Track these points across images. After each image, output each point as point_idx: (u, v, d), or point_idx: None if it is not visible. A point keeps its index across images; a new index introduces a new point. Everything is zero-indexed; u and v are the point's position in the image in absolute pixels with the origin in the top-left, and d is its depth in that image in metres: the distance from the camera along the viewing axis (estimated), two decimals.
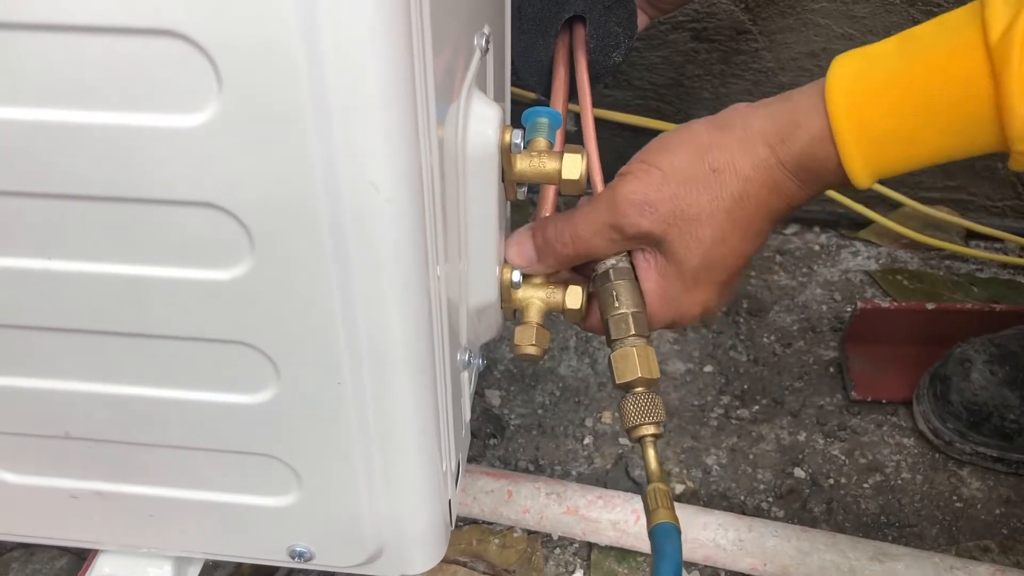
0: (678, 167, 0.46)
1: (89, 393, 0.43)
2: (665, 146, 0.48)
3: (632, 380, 0.49)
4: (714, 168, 0.46)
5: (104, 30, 0.31)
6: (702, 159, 0.46)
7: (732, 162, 0.46)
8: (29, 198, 0.36)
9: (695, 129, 0.48)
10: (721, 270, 0.49)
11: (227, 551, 0.52)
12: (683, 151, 0.47)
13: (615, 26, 0.62)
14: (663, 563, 0.43)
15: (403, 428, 0.43)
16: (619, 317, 0.50)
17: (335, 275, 0.37)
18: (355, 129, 0.33)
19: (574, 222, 0.49)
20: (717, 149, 0.46)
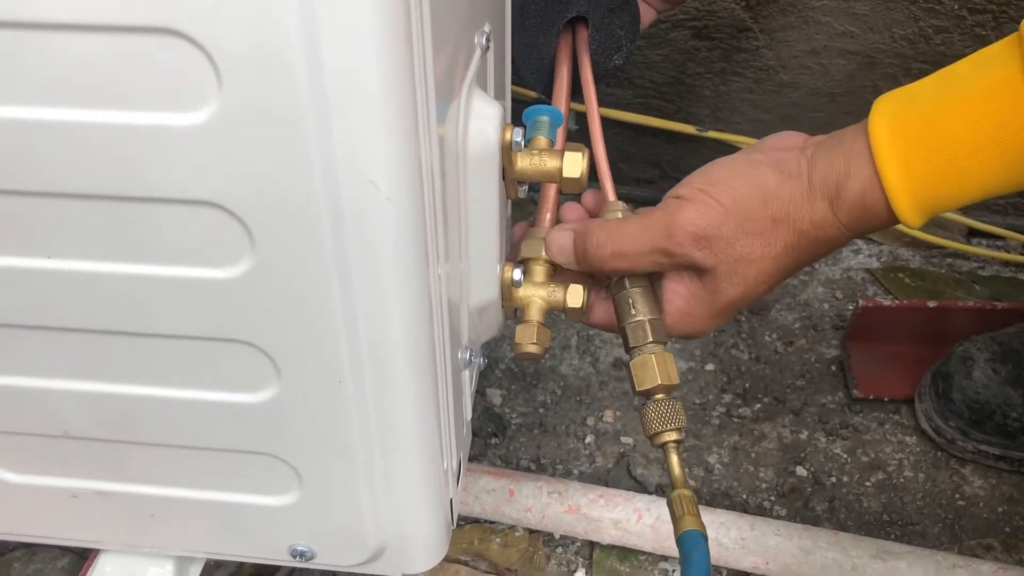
0: (741, 208, 0.46)
1: (89, 392, 0.43)
2: (729, 181, 0.47)
3: (652, 387, 0.49)
4: (775, 218, 0.46)
5: (103, 28, 0.31)
6: (765, 206, 0.46)
7: (792, 215, 0.46)
8: (28, 197, 0.36)
9: (762, 171, 0.47)
10: (748, 304, 0.50)
11: (228, 550, 0.52)
12: (747, 193, 0.47)
13: (618, 28, 0.62)
14: (692, 571, 0.43)
15: (404, 427, 0.43)
16: (636, 324, 0.50)
17: (335, 274, 0.37)
18: (355, 127, 0.33)
19: (622, 238, 0.49)
20: (780, 200, 0.46)
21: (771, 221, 0.46)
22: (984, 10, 0.86)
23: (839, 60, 0.91)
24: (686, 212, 0.47)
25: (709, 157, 0.63)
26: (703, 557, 0.44)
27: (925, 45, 0.89)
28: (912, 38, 0.89)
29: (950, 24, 0.87)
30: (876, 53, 0.90)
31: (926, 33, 0.88)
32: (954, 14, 0.87)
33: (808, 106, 0.95)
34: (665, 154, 1.01)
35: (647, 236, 0.48)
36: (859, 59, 0.91)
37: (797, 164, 0.47)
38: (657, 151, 1.01)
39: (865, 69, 0.92)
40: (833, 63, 0.91)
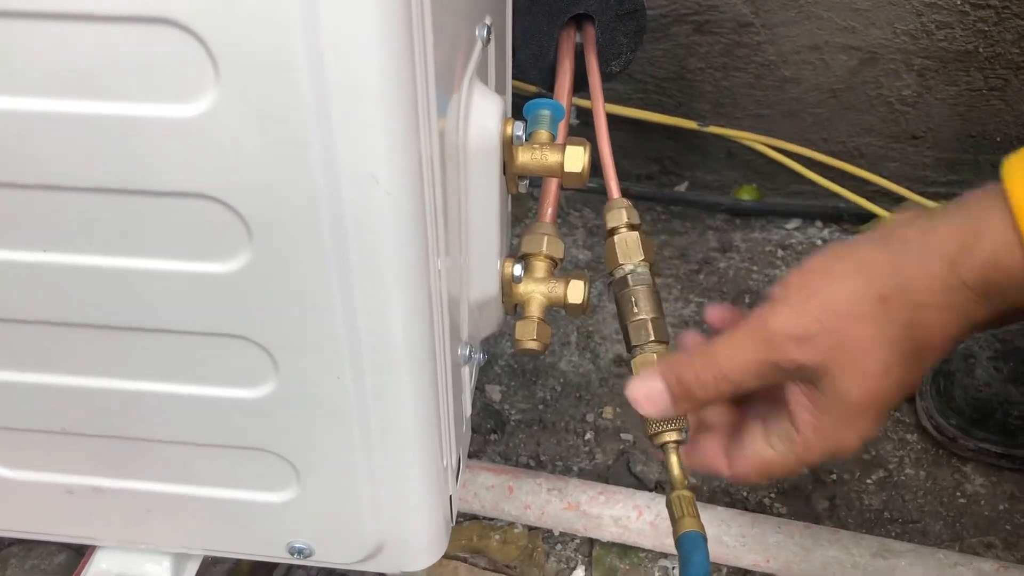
0: (840, 297, 0.42)
1: (86, 388, 0.43)
2: (826, 272, 0.43)
3: None
4: (883, 296, 0.41)
5: (99, 18, 0.31)
6: (869, 286, 0.41)
7: (903, 287, 0.41)
8: (22, 189, 0.35)
9: (861, 252, 0.42)
10: (883, 402, 0.43)
11: (226, 547, 0.51)
12: (847, 279, 0.42)
13: (621, 36, 0.62)
14: (691, 573, 0.43)
15: (403, 423, 0.43)
16: (639, 323, 0.50)
17: (334, 268, 0.37)
18: (355, 120, 0.33)
19: (718, 362, 0.44)
20: (886, 274, 0.41)
21: (879, 300, 0.41)
22: (987, 5, 0.85)
23: (841, 55, 0.91)
24: (779, 313, 0.42)
25: (710, 153, 0.63)
26: (702, 559, 0.44)
27: (927, 40, 0.89)
28: (914, 33, 0.88)
29: (952, 19, 0.87)
30: (878, 48, 0.90)
31: (928, 28, 0.88)
32: (956, 9, 0.86)
33: (810, 101, 0.95)
34: (666, 150, 1.01)
35: (745, 350, 0.43)
36: (861, 54, 0.90)
37: (905, 233, 0.42)
38: (658, 147, 1.01)
39: (867, 64, 0.91)
40: (835, 58, 0.91)
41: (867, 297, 0.41)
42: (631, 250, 0.52)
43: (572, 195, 1.04)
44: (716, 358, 0.44)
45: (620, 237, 0.53)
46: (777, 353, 0.42)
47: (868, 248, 0.42)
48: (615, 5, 0.60)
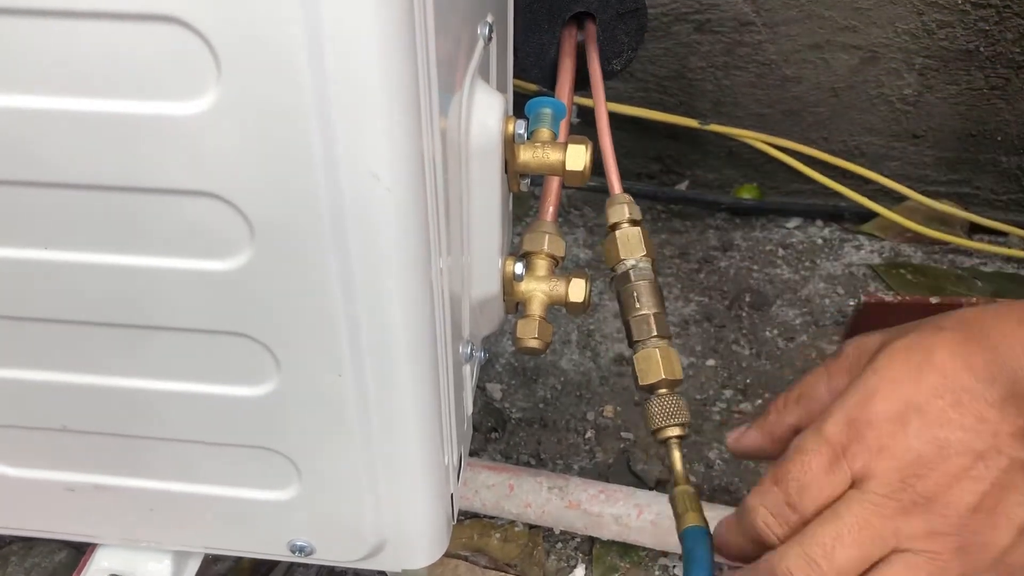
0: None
1: (86, 385, 0.43)
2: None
3: (656, 382, 0.49)
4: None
5: (102, 16, 0.31)
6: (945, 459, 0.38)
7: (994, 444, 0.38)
8: (24, 187, 0.35)
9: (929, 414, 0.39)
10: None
11: (227, 545, 0.51)
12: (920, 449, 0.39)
13: (622, 35, 0.62)
14: (695, 568, 0.43)
15: (405, 422, 0.43)
16: (640, 318, 0.50)
17: (336, 266, 0.37)
18: (356, 118, 0.33)
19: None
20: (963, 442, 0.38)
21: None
22: (988, 4, 0.85)
23: (841, 54, 0.91)
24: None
25: (711, 151, 0.63)
26: (706, 553, 0.44)
27: (928, 39, 0.89)
28: (915, 32, 0.88)
29: (953, 19, 0.87)
30: (879, 47, 0.90)
31: (929, 27, 0.88)
32: (957, 8, 0.86)
33: (810, 100, 0.95)
34: (667, 148, 1.01)
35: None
36: (862, 53, 0.90)
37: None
38: (659, 145, 1.01)
39: (868, 63, 0.91)
40: (836, 57, 0.91)
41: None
42: (633, 245, 0.52)
43: (573, 194, 1.04)
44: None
45: (622, 232, 0.53)
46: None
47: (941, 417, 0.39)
48: (616, 3, 0.61)
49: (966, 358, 0.39)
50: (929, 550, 0.38)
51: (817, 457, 0.39)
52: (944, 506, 0.38)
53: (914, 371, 0.39)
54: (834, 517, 0.39)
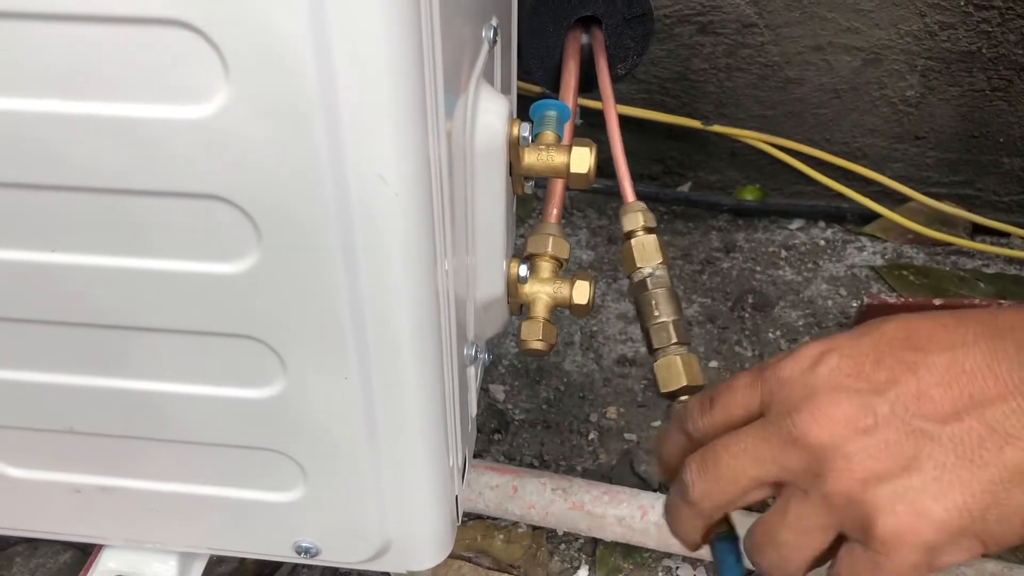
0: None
1: (93, 387, 0.43)
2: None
3: (678, 388, 0.49)
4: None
5: (109, 19, 0.31)
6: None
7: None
8: (34, 190, 0.35)
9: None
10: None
11: (232, 546, 0.51)
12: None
13: (629, 39, 0.62)
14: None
15: (410, 423, 0.43)
16: (660, 326, 0.50)
17: (342, 269, 0.37)
18: (363, 121, 0.33)
19: None
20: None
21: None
22: (990, 6, 0.86)
23: (844, 56, 0.91)
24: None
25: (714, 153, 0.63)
26: (736, 561, 0.44)
27: (930, 41, 0.89)
28: (917, 34, 0.88)
29: (956, 20, 0.87)
30: (881, 49, 0.90)
31: (931, 29, 0.88)
32: (960, 10, 0.86)
33: (813, 102, 0.95)
34: (669, 150, 1.01)
35: None
36: (864, 55, 0.91)
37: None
38: (661, 147, 1.01)
39: (870, 65, 0.91)
40: (838, 59, 0.91)
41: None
42: (649, 253, 0.53)
43: (577, 196, 1.04)
44: None
45: (637, 241, 0.53)
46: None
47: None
48: (623, 9, 0.61)
49: (911, 330, 0.39)
50: (802, 489, 0.39)
51: (747, 374, 0.42)
52: (818, 448, 0.38)
53: (859, 332, 0.40)
54: (734, 432, 0.41)
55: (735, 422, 0.42)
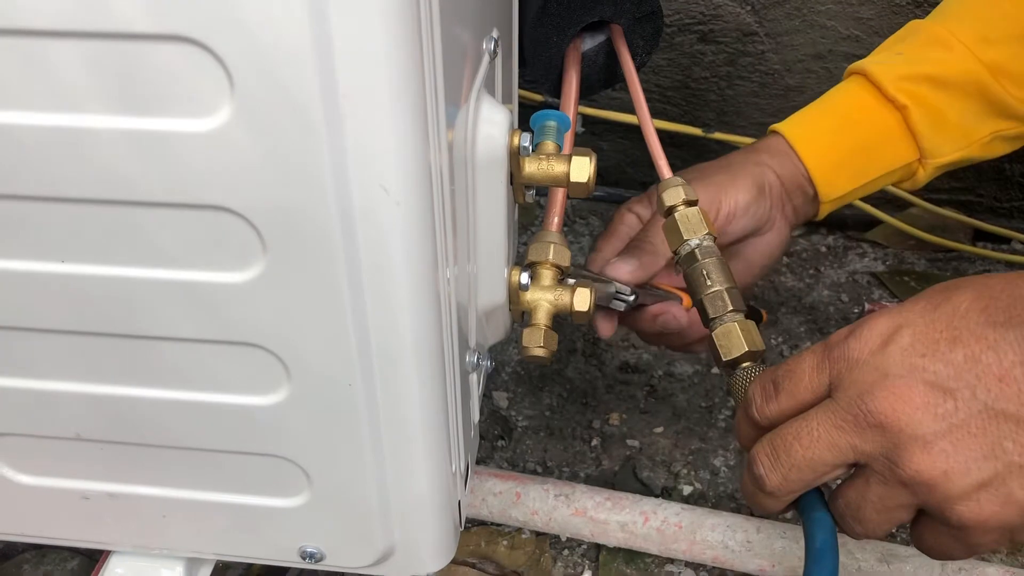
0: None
1: (100, 395, 0.44)
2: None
3: (739, 356, 0.48)
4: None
5: (116, 36, 0.31)
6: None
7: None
8: (43, 202, 0.36)
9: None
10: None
11: (238, 552, 0.52)
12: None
13: (639, 39, 0.62)
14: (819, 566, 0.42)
15: (413, 430, 0.43)
16: (714, 295, 0.49)
17: (345, 278, 0.37)
18: (366, 132, 0.33)
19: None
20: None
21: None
22: None
23: (844, 64, 0.91)
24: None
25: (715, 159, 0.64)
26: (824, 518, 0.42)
27: None
28: None
29: None
30: None
31: None
32: None
33: None
34: (671, 157, 1.01)
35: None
36: None
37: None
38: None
39: None
40: (838, 67, 0.92)
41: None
42: (694, 225, 0.52)
43: (579, 204, 1.04)
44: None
45: (681, 214, 0.52)
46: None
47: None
48: (633, 8, 0.61)
49: (988, 300, 0.38)
50: (880, 472, 0.38)
51: (811, 354, 0.41)
52: (895, 434, 0.37)
53: (931, 303, 0.39)
54: (802, 417, 0.40)
55: (803, 407, 0.41)
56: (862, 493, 0.39)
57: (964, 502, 0.36)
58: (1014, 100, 0.61)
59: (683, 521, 0.65)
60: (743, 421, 0.45)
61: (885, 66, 0.63)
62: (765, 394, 0.42)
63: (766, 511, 0.44)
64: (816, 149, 0.62)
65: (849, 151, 0.62)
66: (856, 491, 0.40)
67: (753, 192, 0.60)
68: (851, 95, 0.64)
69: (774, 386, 0.42)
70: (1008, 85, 0.61)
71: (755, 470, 0.42)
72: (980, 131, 0.63)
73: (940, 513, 0.38)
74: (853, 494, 0.40)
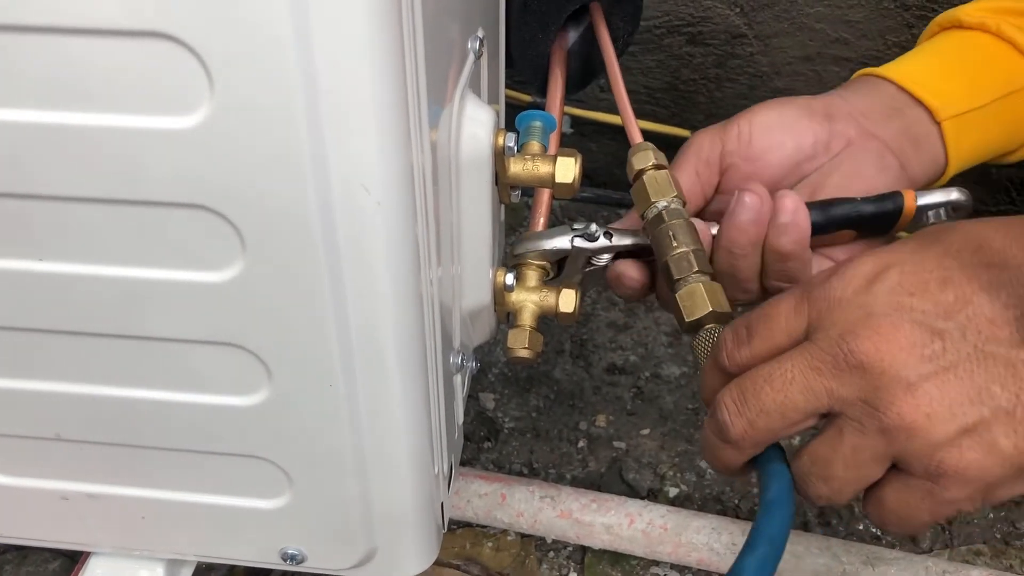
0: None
1: (80, 395, 0.43)
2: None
3: (702, 315, 0.46)
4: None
5: (96, 32, 0.31)
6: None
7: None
8: (19, 199, 0.36)
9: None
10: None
11: (219, 553, 0.52)
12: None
13: (618, 20, 0.62)
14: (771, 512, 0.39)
15: (395, 430, 0.43)
16: (679, 256, 0.48)
17: (327, 278, 0.37)
18: (346, 131, 0.33)
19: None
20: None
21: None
22: None
23: (833, 67, 0.92)
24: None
25: None
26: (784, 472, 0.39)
27: None
28: (905, 45, 0.89)
29: None
30: (869, 60, 0.91)
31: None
32: None
33: None
34: None
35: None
36: (852, 65, 0.91)
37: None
38: None
39: None
40: (827, 70, 0.92)
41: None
42: (662, 187, 0.50)
43: (567, 204, 1.04)
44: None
45: (649, 176, 0.51)
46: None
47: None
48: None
49: (981, 241, 0.36)
50: (856, 420, 0.35)
51: (789, 296, 0.38)
52: (877, 376, 0.34)
53: (921, 244, 0.37)
54: (776, 360, 0.37)
55: (778, 352, 0.38)
56: (833, 446, 0.36)
57: (946, 448, 0.34)
58: None
59: (669, 523, 0.65)
60: (711, 372, 0.42)
61: (974, 5, 0.57)
62: (737, 338, 0.39)
63: (725, 467, 0.41)
64: (921, 74, 0.54)
65: (962, 70, 0.54)
66: (826, 443, 0.37)
67: (792, 112, 0.52)
68: (950, 38, 0.57)
69: (747, 330, 0.39)
70: None
71: (719, 415, 0.38)
72: None
73: (918, 461, 0.35)
74: (822, 448, 0.37)
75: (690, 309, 0.47)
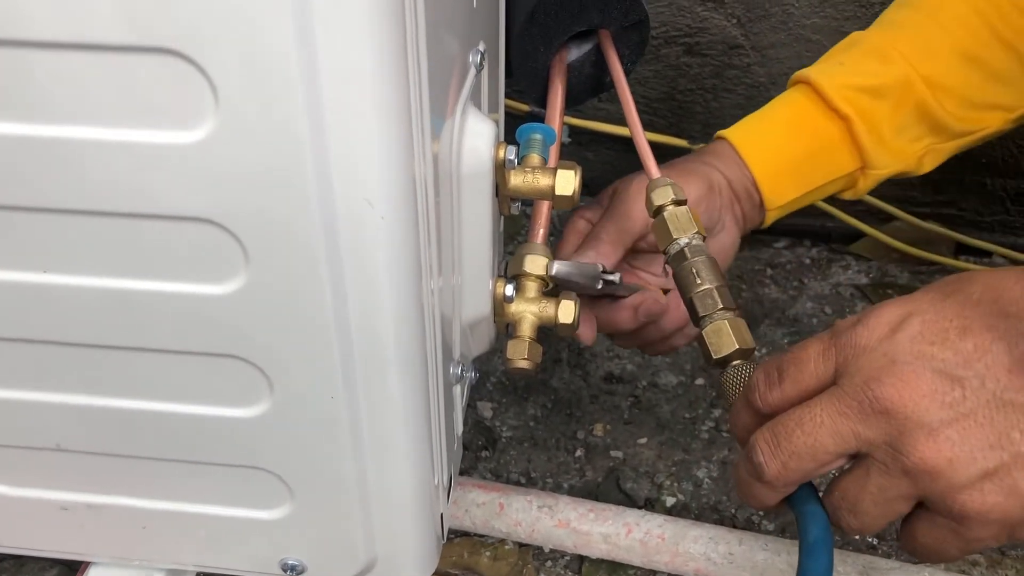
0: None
1: (82, 406, 0.43)
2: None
3: (729, 353, 0.48)
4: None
5: (102, 48, 0.31)
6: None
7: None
8: (25, 212, 0.36)
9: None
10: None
11: (219, 564, 0.52)
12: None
13: (624, 47, 0.63)
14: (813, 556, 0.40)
15: (396, 442, 0.43)
16: (704, 293, 0.49)
17: (329, 290, 0.37)
18: (350, 146, 0.33)
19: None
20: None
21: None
22: None
23: None
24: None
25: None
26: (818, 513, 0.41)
27: None
28: None
29: None
30: None
31: None
32: None
33: None
34: None
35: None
36: None
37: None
38: None
39: None
40: None
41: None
42: (683, 224, 0.52)
43: (565, 215, 1.05)
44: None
45: (669, 212, 0.52)
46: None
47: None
48: (620, 17, 0.61)
49: (999, 292, 0.37)
50: (882, 462, 0.37)
51: (817, 341, 0.40)
52: (901, 421, 0.36)
53: (941, 292, 0.39)
54: (806, 404, 0.39)
55: (808, 395, 0.40)
56: (861, 484, 0.39)
57: (967, 491, 0.36)
58: (948, 115, 0.61)
59: (666, 533, 0.65)
60: (742, 411, 0.44)
61: (827, 75, 0.62)
62: (769, 381, 0.42)
63: (760, 504, 0.43)
64: (762, 156, 0.61)
65: (794, 159, 0.62)
66: (855, 482, 0.39)
67: (704, 189, 0.58)
68: (796, 103, 0.64)
69: (778, 373, 0.41)
70: (943, 99, 0.60)
71: (754, 457, 0.41)
72: (916, 145, 0.62)
73: (942, 503, 0.37)
74: (851, 485, 0.40)
75: (717, 347, 0.48)
